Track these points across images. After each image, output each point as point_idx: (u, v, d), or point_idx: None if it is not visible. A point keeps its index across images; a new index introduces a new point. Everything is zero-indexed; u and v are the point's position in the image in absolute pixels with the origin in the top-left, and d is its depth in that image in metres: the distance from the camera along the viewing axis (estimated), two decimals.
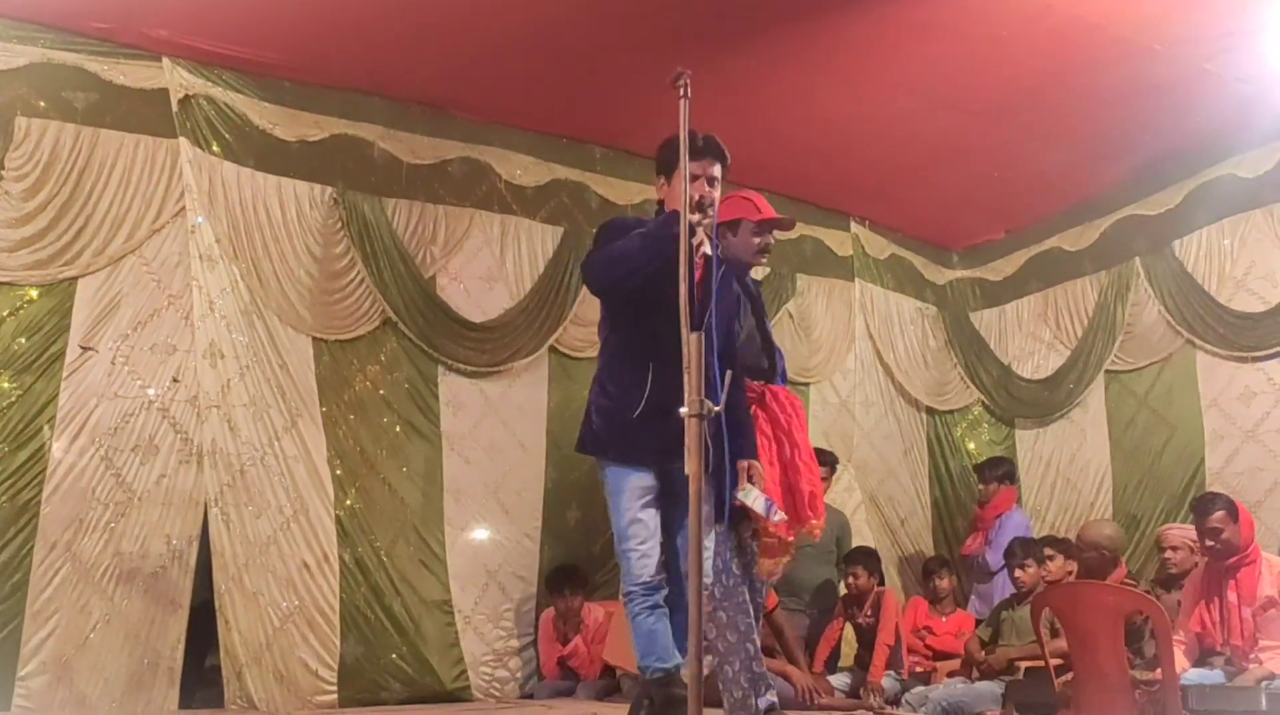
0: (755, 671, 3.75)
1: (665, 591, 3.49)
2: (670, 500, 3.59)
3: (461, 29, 5.06)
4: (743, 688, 3.74)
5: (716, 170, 3.57)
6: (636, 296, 3.49)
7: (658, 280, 3.36)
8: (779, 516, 3.54)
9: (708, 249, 3.26)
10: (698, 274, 3.33)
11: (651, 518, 3.51)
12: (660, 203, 3.67)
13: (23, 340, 4.81)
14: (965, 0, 4.91)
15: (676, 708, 3.29)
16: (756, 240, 3.95)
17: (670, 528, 3.60)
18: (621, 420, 3.50)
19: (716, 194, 3.56)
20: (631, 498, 3.50)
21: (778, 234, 4.07)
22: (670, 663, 3.43)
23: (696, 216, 3.21)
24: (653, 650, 3.42)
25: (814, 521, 3.82)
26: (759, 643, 3.82)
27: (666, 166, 3.61)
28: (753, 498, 3.48)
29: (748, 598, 3.77)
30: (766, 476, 3.71)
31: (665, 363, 3.35)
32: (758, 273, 4.77)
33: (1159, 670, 4.36)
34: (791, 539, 3.76)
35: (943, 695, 5.23)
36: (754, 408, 3.79)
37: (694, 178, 3.37)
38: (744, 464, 3.55)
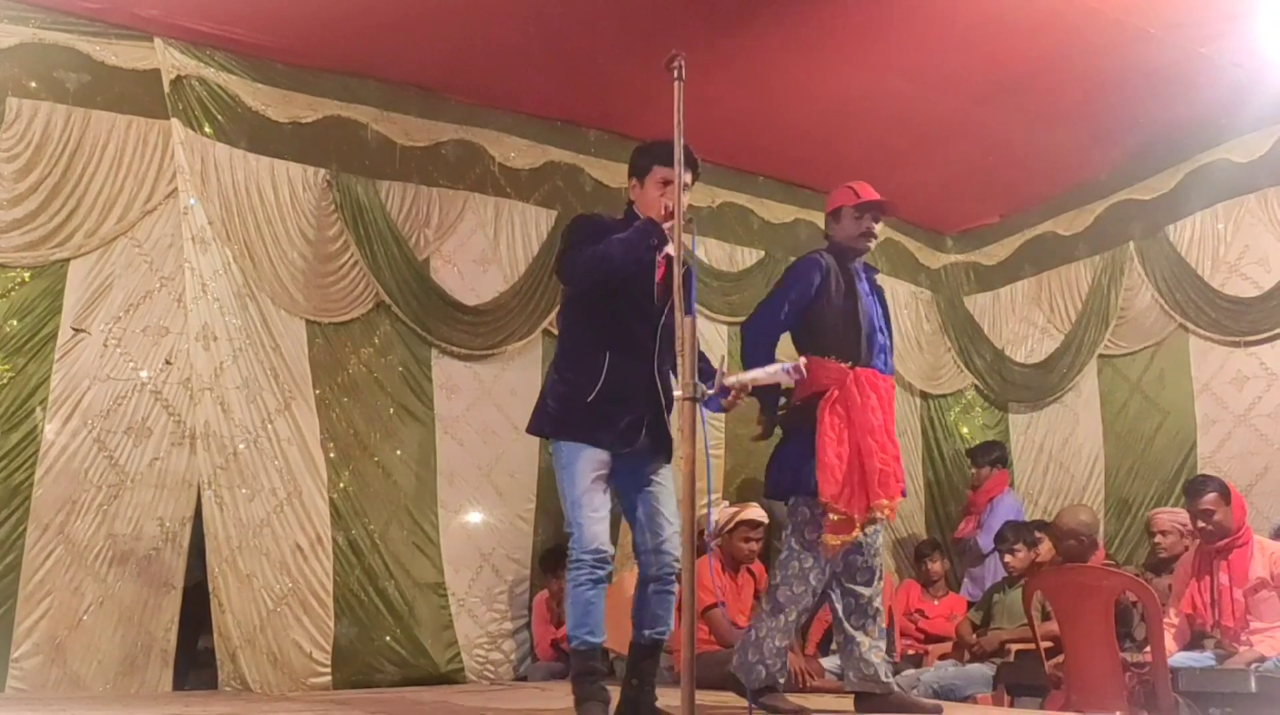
0: (777, 645, 3.79)
1: (611, 567, 3.52)
2: (627, 482, 3.62)
3: (455, 11, 5.03)
4: (760, 654, 3.79)
5: (687, 178, 3.63)
6: (604, 291, 3.59)
7: (624, 277, 3.56)
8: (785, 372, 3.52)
9: (670, 250, 3.35)
10: (659, 273, 3.57)
11: (603, 489, 3.55)
12: (630, 203, 3.76)
13: (14, 322, 4.81)
14: None
15: (591, 679, 3.47)
16: (857, 224, 3.99)
17: (630, 498, 3.63)
18: (577, 404, 3.54)
19: (685, 200, 3.60)
20: (586, 467, 3.51)
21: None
22: (599, 639, 3.50)
23: (669, 224, 3.35)
24: (586, 622, 3.47)
25: (883, 500, 3.74)
26: (796, 619, 3.84)
27: (639, 170, 3.74)
28: (755, 373, 3.52)
29: (803, 570, 3.79)
30: (837, 456, 3.76)
31: (622, 353, 3.53)
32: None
33: (1149, 652, 4.38)
34: (858, 517, 3.75)
35: (934, 677, 5.25)
36: (832, 388, 3.82)
37: (666, 183, 3.57)
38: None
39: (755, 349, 3.95)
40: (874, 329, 4.00)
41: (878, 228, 4.07)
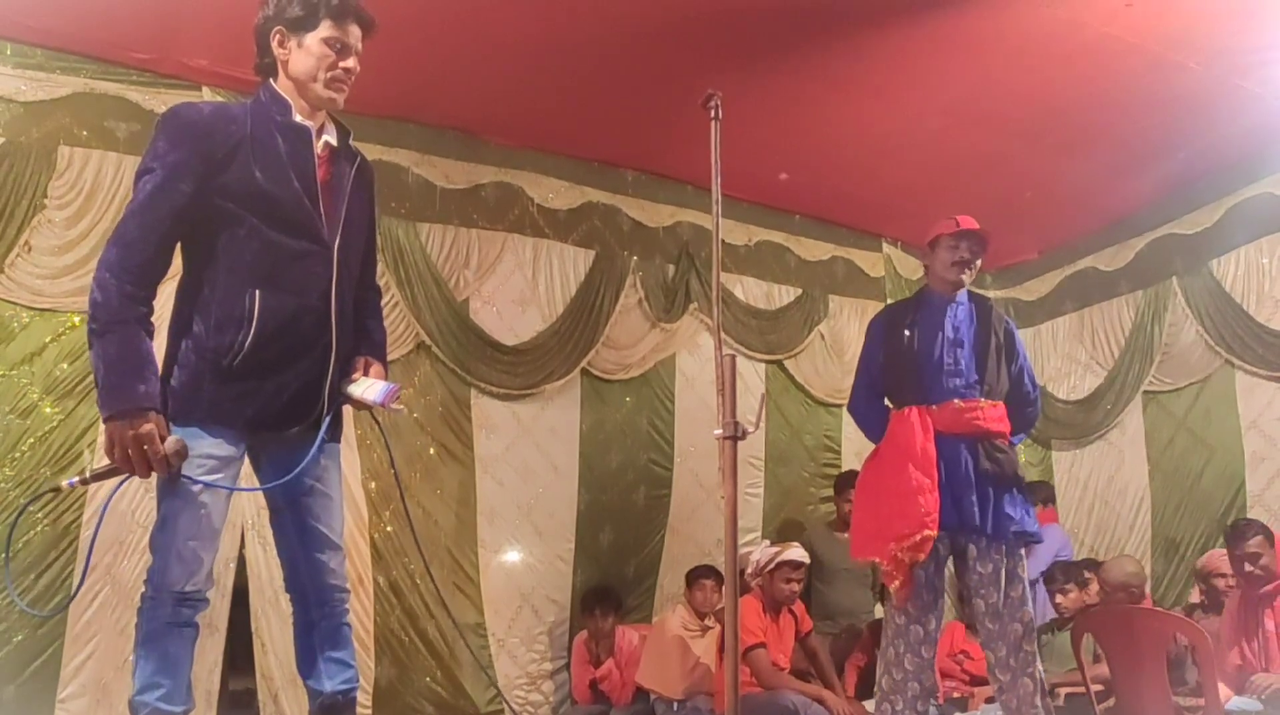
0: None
1: (206, 606, 2.75)
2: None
3: (494, 55, 5.10)
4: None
5: (356, 37, 2.77)
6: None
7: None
8: (395, 406, 2.91)
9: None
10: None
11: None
12: (276, 68, 2.82)
13: (65, 366, 4.88)
14: (996, 18, 4.90)
15: None
16: (951, 253, 3.99)
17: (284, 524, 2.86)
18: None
19: (354, 65, 2.81)
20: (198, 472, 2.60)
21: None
22: (181, 707, 2.63)
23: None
24: (162, 682, 2.64)
25: (891, 545, 3.73)
26: (904, 678, 3.86)
27: (299, 22, 2.66)
28: (363, 388, 2.89)
29: (894, 624, 3.85)
30: (864, 512, 3.77)
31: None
32: None
33: (1202, 697, 4.29)
34: (886, 561, 3.78)
35: None
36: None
37: (332, 42, 2.72)
38: (362, 360, 2.94)
39: (862, 426, 4.16)
40: (930, 360, 3.91)
41: (975, 262, 4.00)
